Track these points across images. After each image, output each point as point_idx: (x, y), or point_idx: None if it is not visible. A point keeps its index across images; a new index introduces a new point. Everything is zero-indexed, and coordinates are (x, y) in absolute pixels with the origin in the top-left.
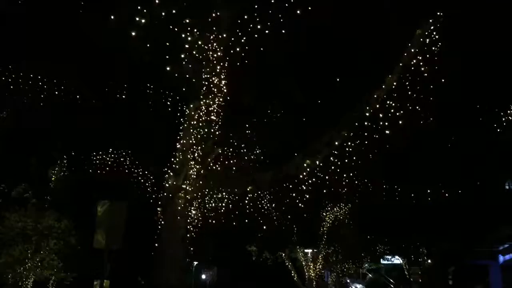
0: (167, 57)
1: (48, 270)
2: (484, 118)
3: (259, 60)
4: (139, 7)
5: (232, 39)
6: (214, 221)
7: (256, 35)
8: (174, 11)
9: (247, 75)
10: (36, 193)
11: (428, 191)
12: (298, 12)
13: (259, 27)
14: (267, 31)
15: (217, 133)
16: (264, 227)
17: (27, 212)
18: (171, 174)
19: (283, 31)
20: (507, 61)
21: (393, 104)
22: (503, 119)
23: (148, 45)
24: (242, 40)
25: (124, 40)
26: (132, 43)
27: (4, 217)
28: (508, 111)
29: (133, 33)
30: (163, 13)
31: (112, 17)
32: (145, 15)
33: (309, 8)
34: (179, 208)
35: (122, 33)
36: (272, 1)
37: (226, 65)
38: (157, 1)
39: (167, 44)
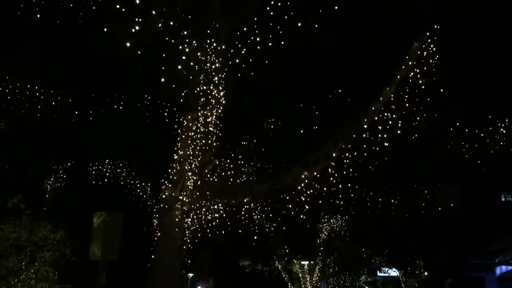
0: (164, 68)
1: (43, 282)
2: (480, 130)
3: (258, 72)
4: (136, 19)
5: (231, 50)
6: (210, 233)
7: (255, 47)
8: (171, 23)
9: (245, 86)
10: (32, 204)
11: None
12: (299, 24)
13: (258, 39)
14: (266, 43)
15: (214, 144)
16: (261, 239)
17: (22, 223)
18: (168, 185)
19: (282, 43)
20: (505, 73)
21: (391, 116)
22: (500, 131)
23: (145, 56)
24: (242, 52)
25: (121, 52)
26: (129, 54)
27: None
28: (504, 124)
29: (130, 45)
30: (160, 25)
31: (109, 29)
32: (142, 26)
33: (309, 21)
34: (175, 219)
35: (119, 45)
36: (272, 13)
37: (224, 76)
38: (154, 12)
39: (165, 55)
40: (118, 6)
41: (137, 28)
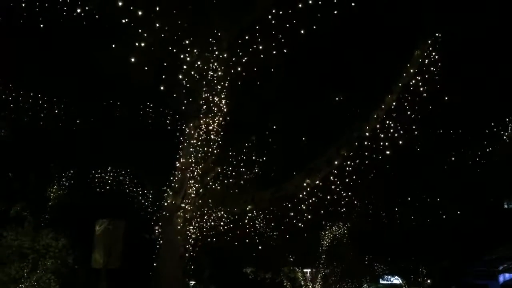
0: (166, 76)
1: None
2: (482, 137)
3: (260, 79)
4: (140, 30)
5: (233, 59)
6: (212, 240)
7: (257, 55)
8: (174, 33)
9: (247, 94)
10: (34, 211)
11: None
12: (302, 32)
13: (260, 47)
14: (268, 51)
15: (216, 151)
16: (263, 246)
17: (24, 230)
18: (170, 193)
19: (285, 51)
20: (506, 80)
21: (392, 124)
22: (504, 138)
23: (148, 67)
24: (243, 60)
25: (124, 62)
26: (133, 64)
27: (1, 236)
28: (506, 132)
29: (133, 57)
30: (163, 35)
31: (114, 41)
32: (146, 38)
33: (310, 29)
34: (177, 227)
35: (123, 55)
36: (273, 21)
37: (226, 84)
38: (157, 25)
39: (167, 64)
40: (123, 20)
41: (141, 39)
